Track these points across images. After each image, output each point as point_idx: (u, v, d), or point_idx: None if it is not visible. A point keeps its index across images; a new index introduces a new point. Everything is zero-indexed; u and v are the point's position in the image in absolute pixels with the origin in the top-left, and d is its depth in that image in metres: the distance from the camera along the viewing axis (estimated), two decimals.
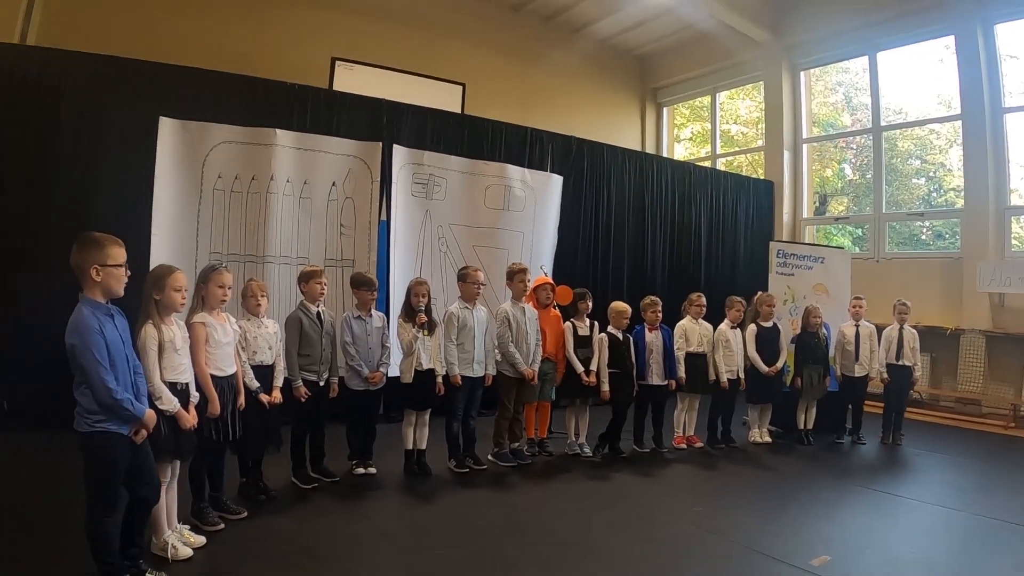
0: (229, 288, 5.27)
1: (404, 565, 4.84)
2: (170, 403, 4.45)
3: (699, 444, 8.37)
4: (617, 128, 15.45)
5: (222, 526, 5.19)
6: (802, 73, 14.45)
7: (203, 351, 5.00)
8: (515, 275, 7.47)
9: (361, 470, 6.72)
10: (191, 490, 5.21)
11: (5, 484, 6.04)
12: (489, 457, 7.33)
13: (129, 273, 3.99)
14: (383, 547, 5.12)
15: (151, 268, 4.53)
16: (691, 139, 17.43)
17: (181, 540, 4.71)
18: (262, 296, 5.81)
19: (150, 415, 4.06)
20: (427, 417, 6.94)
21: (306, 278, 6.36)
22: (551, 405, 7.98)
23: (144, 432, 4.04)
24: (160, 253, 7.45)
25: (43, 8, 10.49)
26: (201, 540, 4.85)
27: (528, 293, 7.63)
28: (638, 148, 15.81)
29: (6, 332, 7.81)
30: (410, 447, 6.91)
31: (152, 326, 4.49)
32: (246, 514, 5.47)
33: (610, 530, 5.55)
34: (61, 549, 4.65)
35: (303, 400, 6.12)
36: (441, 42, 13.33)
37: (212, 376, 5.04)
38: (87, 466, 3.92)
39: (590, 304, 7.93)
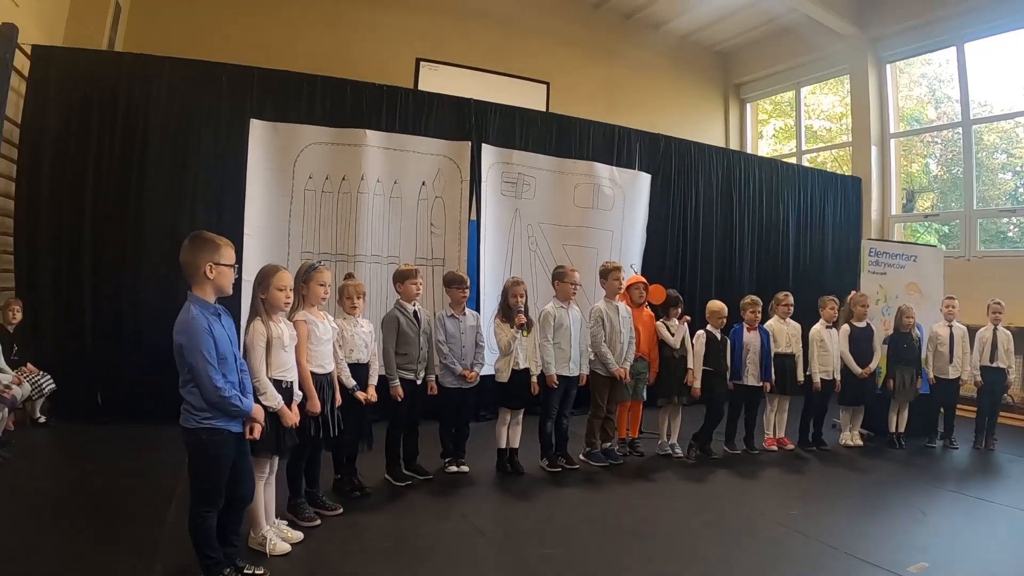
0: (329, 286, 5.31)
1: (504, 564, 4.80)
2: (274, 400, 4.48)
3: (790, 446, 8.18)
4: (700, 125, 15.23)
5: (318, 522, 5.21)
6: (888, 66, 14.02)
7: (305, 349, 5.02)
8: (609, 273, 7.38)
9: (454, 468, 6.71)
10: (288, 486, 5.26)
11: (100, 476, 6.17)
12: (581, 457, 7.25)
13: (235, 274, 4.03)
14: (481, 545, 5.09)
15: (243, 268, 4.51)
16: (774, 135, 17.12)
17: (279, 535, 4.74)
18: (359, 298, 5.84)
19: (258, 410, 4.10)
20: (521, 416, 6.91)
21: (401, 278, 6.37)
22: (643, 405, 7.88)
23: (259, 427, 4.08)
24: (253, 254, 7.58)
25: (129, 16, 10.75)
26: (298, 535, 4.88)
27: (621, 292, 7.53)
28: (722, 145, 15.52)
29: (102, 330, 8.02)
30: (503, 446, 6.88)
31: (261, 323, 4.55)
32: (341, 510, 5.47)
33: (707, 532, 5.45)
34: (155, 541, 4.73)
35: (400, 399, 6.13)
36: (523, 41, 13.30)
37: (312, 373, 5.05)
38: (193, 462, 3.95)
39: (680, 310, 7.83)
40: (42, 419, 7.67)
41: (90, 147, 8.00)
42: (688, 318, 7.82)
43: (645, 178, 10.49)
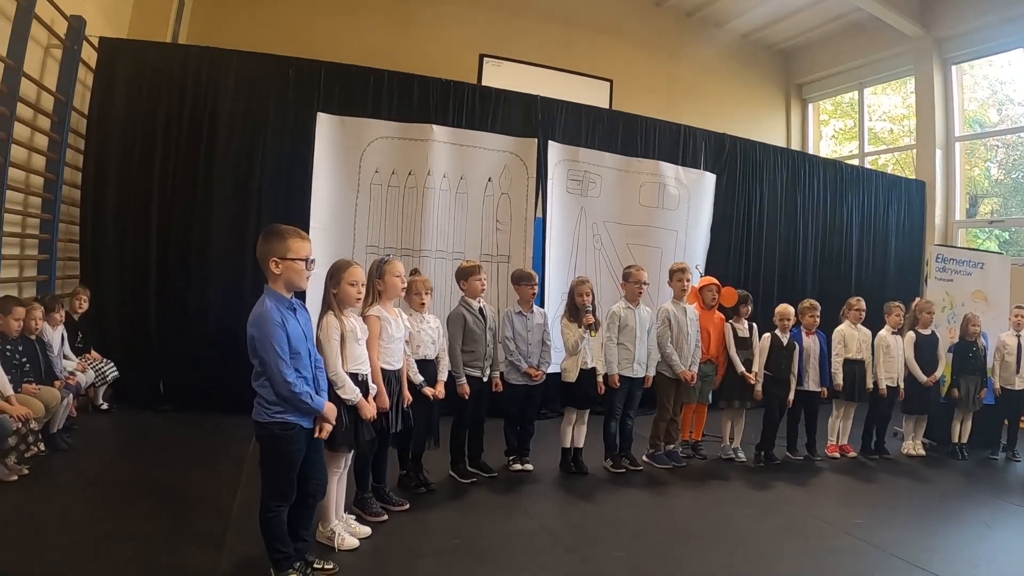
0: (404, 276, 5.35)
1: (571, 565, 4.78)
2: (352, 392, 4.49)
3: (852, 453, 8.03)
4: (762, 125, 14.99)
5: (385, 517, 5.22)
6: (953, 67, 13.68)
7: (376, 344, 5.02)
8: (675, 274, 7.34)
9: (518, 466, 6.70)
10: (355, 481, 5.26)
11: (163, 465, 6.25)
12: (644, 458, 7.20)
13: (313, 268, 3.98)
14: (548, 545, 5.06)
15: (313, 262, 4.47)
16: (834, 136, 16.86)
17: (348, 530, 4.75)
18: (427, 294, 5.83)
19: (330, 408, 4.05)
20: (587, 416, 6.87)
21: (465, 275, 6.35)
22: (708, 407, 7.81)
23: (328, 427, 4.06)
24: (319, 248, 7.34)
25: (193, 9, 10.85)
26: (366, 531, 4.89)
27: (691, 293, 7.48)
28: (784, 146, 15.32)
29: (166, 319, 8.14)
30: (568, 445, 6.84)
31: (333, 316, 4.55)
32: (408, 506, 5.49)
33: (773, 539, 5.40)
34: (223, 532, 4.78)
35: (467, 397, 6.13)
36: (586, 38, 13.17)
37: (381, 369, 5.06)
38: (264, 456, 3.96)
39: (751, 308, 7.77)
40: (104, 406, 7.79)
41: (156, 139, 8.10)
42: (755, 326, 7.76)
43: (710, 178, 10.39)
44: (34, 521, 4.76)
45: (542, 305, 7.85)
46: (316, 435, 4.02)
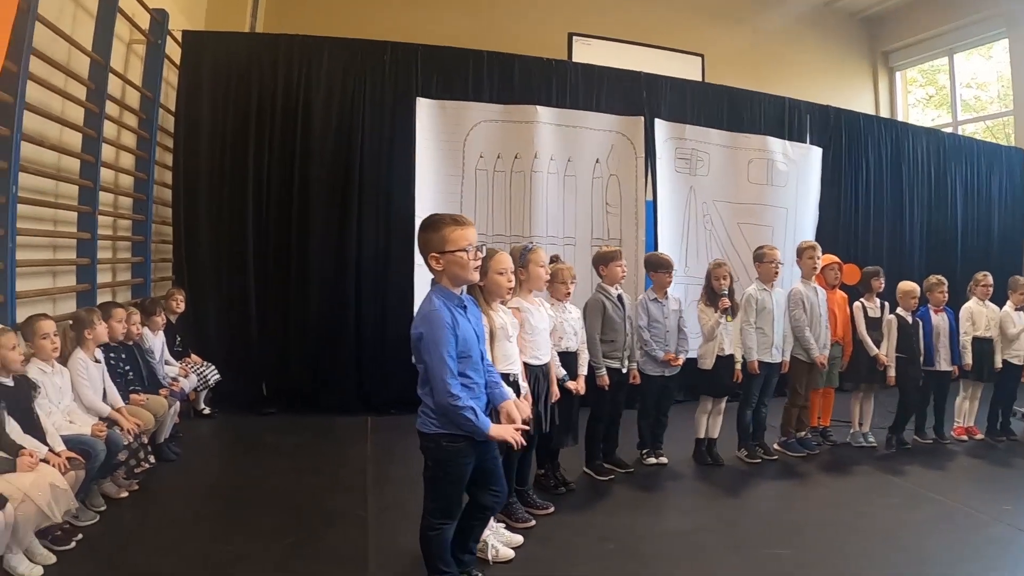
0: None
1: (735, 565, 4.50)
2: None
3: (979, 435, 7.63)
4: (849, 96, 14.34)
5: (533, 523, 4.94)
6: None
7: (519, 338, 4.70)
8: (804, 252, 6.97)
9: (653, 460, 6.41)
10: None
11: (279, 472, 6.05)
12: (776, 446, 6.89)
13: (481, 254, 3.61)
14: (706, 545, 4.77)
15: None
16: (920, 104, 16.24)
17: (500, 540, 4.45)
18: (572, 282, 5.55)
19: (497, 432, 3.53)
20: (723, 405, 6.57)
21: (605, 260, 6.06)
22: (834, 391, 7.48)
23: (514, 434, 3.59)
24: None
25: None
26: (518, 539, 4.60)
27: (817, 272, 7.09)
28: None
29: (267, 319, 8.02)
30: (702, 435, 6.57)
31: (481, 313, 4.17)
32: (553, 509, 5.20)
33: (926, 530, 5.12)
34: (364, 548, 4.52)
35: (607, 388, 5.84)
36: (673, 12, 12.76)
37: (526, 364, 4.77)
38: (430, 470, 3.61)
39: (883, 281, 7.36)
40: (206, 410, 7.64)
41: (248, 133, 7.95)
42: (886, 304, 7.40)
43: (817, 152, 9.96)
44: (151, 543, 4.53)
45: None
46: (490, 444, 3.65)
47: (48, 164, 5.97)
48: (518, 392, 4.36)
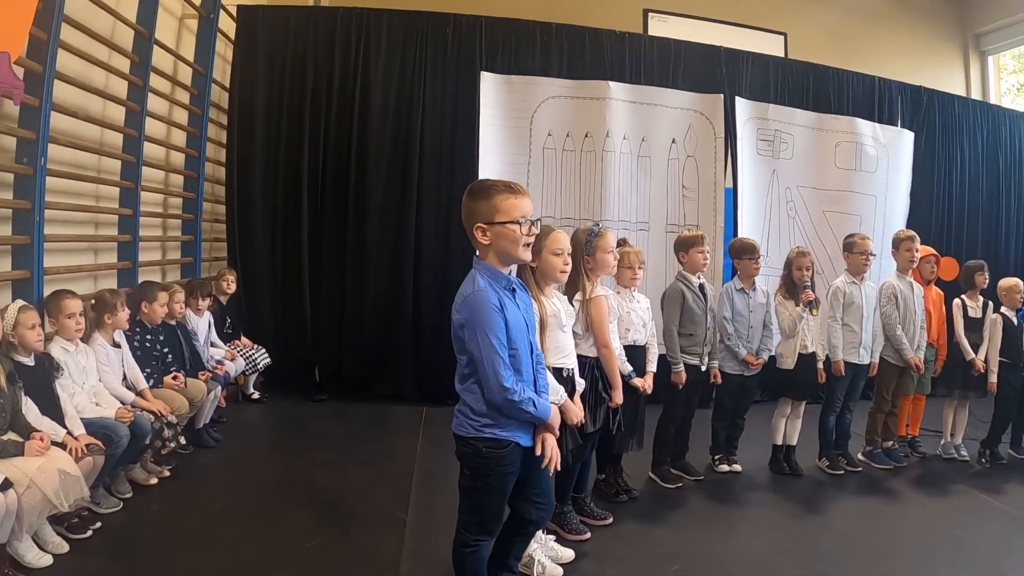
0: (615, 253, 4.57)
1: None
2: (555, 393, 3.47)
3: None
4: (938, 81, 13.50)
5: (588, 535, 4.47)
6: None
7: (607, 328, 4.31)
8: (902, 242, 6.32)
9: (725, 467, 5.87)
10: (554, 489, 4.46)
11: (324, 465, 5.72)
12: (860, 456, 6.29)
13: (536, 230, 3.07)
14: (786, 569, 4.24)
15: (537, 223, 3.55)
16: (1011, 92, 15.35)
17: (549, 554, 3.99)
18: (640, 267, 5.05)
19: (555, 416, 3.11)
20: (803, 408, 6.00)
21: (686, 245, 5.55)
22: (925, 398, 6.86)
23: (552, 442, 3.11)
24: None
25: None
26: (569, 555, 4.13)
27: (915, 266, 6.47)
28: None
29: (322, 303, 7.82)
30: (779, 442, 5.99)
31: (531, 297, 3.64)
32: (611, 520, 4.73)
33: None
34: (398, 554, 4.17)
35: (681, 386, 5.36)
36: None
37: (587, 359, 4.31)
38: (467, 478, 3.11)
39: (987, 277, 6.69)
40: (255, 395, 7.46)
41: (304, 109, 7.72)
42: (989, 303, 6.72)
43: (908, 136, 9.28)
44: (173, 536, 4.29)
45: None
46: (538, 453, 3.08)
47: (89, 138, 5.80)
48: (572, 390, 3.88)
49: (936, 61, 14.11)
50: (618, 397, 4.31)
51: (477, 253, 3.05)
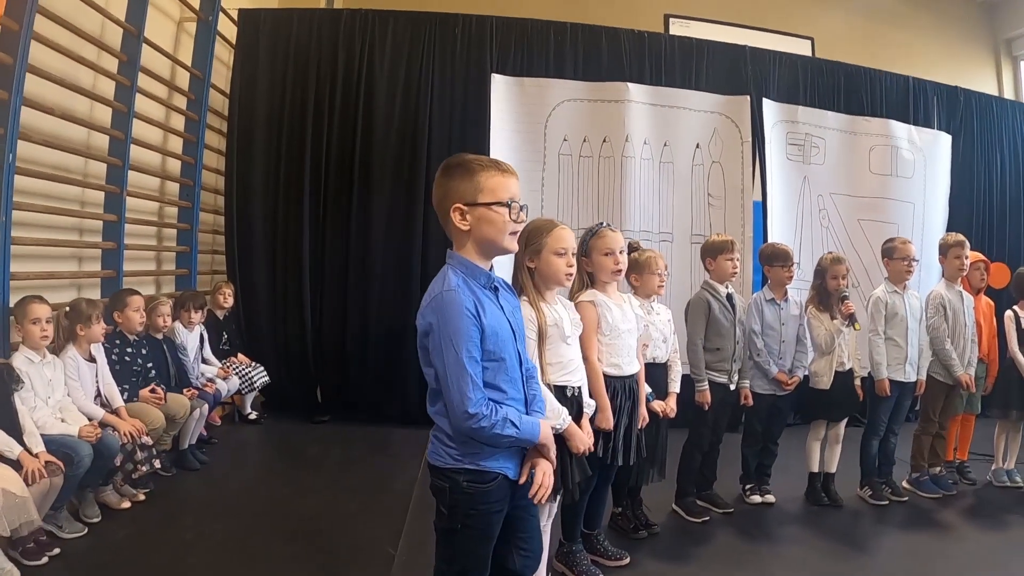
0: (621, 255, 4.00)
1: None
2: (557, 416, 3.00)
3: None
4: (970, 85, 13.24)
5: None
6: None
7: (593, 340, 3.73)
8: (951, 249, 5.77)
9: (757, 498, 5.37)
10: (561, 528, 4.05)
11: (317, 491, 5.46)
12: (906, 484, 5.76)
13: (524, 216, 2.53)
14: None
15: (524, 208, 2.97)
16: None
17: None
18: (666, 273, 4.58)
19: (547, 435, 2.56)
20: (842, 430, 5.49)
21: (714, 251, 5.07)
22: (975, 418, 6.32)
23: (549, 468, 2.59)
24: None
25: None
26: None
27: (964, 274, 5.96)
28: None
29: (324, 319, 7.63)
30: (816, 469, 5.48)
31: (528, 305, 3.24)
32: (628, 560, 4.26)
33: None
34: None
35: (707, 407, 4.88)
36: None
37: (604, 375, 3.77)
38: (443, 519, 2.55)
39: None
40: (252, 415, 7.25)
41: (307, 116, 7.55)
42: None
43: (946, 139, 8.89)
44: (138, 566, 3.99)
45: None
46: (522, 480, 2.57)
47: (75, 140, 5.57)
48: (579, 411, 3.37)
49: (967, 66, 13.81)
50: (603, 421, 3.70)
51: (450, 248, 2.56)
